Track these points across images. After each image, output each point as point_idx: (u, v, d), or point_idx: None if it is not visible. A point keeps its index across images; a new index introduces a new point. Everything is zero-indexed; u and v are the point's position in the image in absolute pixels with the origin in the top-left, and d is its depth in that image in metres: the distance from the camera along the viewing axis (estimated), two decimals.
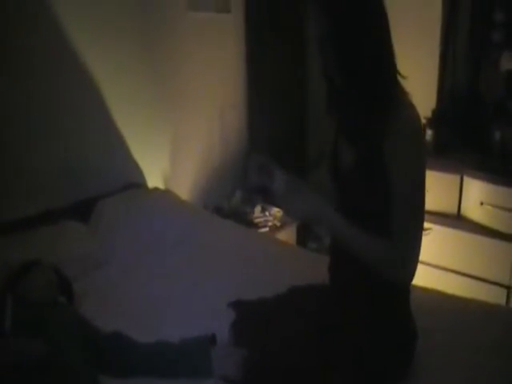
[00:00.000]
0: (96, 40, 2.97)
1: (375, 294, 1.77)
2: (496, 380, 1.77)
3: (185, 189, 3.62)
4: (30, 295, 1.97)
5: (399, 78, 1.68)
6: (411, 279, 1.71)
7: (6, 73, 2.65)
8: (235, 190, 3.81)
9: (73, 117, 2.95)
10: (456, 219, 3.20)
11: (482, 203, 3.04)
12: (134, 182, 3.26)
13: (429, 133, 3.30)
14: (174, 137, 3.53)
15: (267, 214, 3.65)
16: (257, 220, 3.60)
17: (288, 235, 3.69)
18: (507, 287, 3.01)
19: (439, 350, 1.92)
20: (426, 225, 3.25)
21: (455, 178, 3.15)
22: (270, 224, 3.62)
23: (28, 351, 1.63)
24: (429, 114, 3.39)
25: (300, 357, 1.73)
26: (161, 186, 3.45)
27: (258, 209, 3.65)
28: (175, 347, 1.89)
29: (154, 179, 3.43)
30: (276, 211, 3.67)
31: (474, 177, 3.08)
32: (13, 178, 2.71)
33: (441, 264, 3.26)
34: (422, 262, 3.27)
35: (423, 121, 3.31)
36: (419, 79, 3.53)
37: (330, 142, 1.87)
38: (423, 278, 3.03)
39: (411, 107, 1.64)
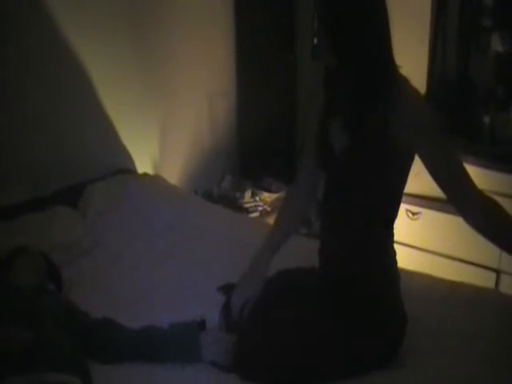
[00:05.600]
0: (86, 29, 2.94)
1: (365, 277, 1.77)
2: (485, 365, 1.78)
3: (174, 174, 3.61)
4: (19, 282, 1.97)
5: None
6: None
7: (5, 63, 2.66)
8: (225, 175, 3.80)
9: (62, 104, 2.93)
10: (446, 203, 3.16)
11: None
12: (124, 168, 3.25)
13: None
14: (163, 123, 3.51)
15: (257, 198, 3.64)
16: (247, 205, 3.59)
17: None
18: (496, 271, 3.03)
19: (428, 335, 1.92)
20: (416, 209, 3.27)
21: None
22: (260, 209, 3.62)
23: (14, 338, 1.63)
24: None
25: (289, 342, 1.74)
26: (150, 171, 3.43)
27: (248, 194, 3.64)
28: (164, 332, 1.89)
29: (143, 165, 3.42)
30: (266, 196, 3.67)
31: (464, 161, 3.06)
32: (1, 165, 2.69)
33: (430, 248, 3.26)
34: (412, 246, 3.30)
35: None
36: (409, 64, 3.50)
37: (319, 126, 1.86)
38: (413, 262, 3.04)
39: (412, 91, 1.69)
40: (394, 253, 1.86)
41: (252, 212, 3.58)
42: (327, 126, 1.81)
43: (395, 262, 1.86)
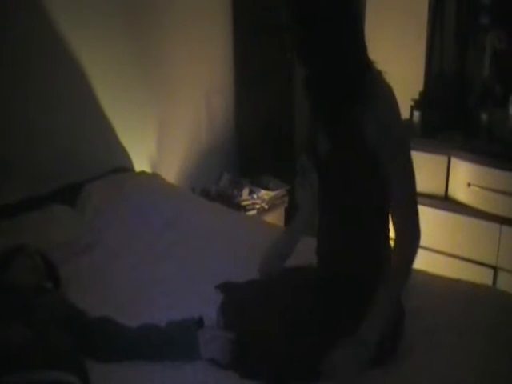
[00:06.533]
0: (83, 28, 2.94)
1: (360, 275, 1.78)
2: (483, 362, 1.78)
3: (172, 172, 3.61)
4: (16, 281, 1.97)
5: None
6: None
7: (3, 63, 2.65)
8: (222, 173, 3.80)
9: (60, 103, 2.92)
10: (443, 200, 3.20)
11: (469, 184, 3.05)
12: (121, 166, 3.25)
13: (416, 114, 3.30)
14: (160, 121, 3.51)
15: (255, 196, 3.64)
16: (244, 203, 3.59)
17: (276, 218, 3.69)
18: (494, 268, 3.03)
19: (426, 332, 1.93)
20: None
21: (443, 160, 3.15)
22: (257, 207, 3.62)
23: (12, 336, 1.63)
24: (416, 95, 3.39)
25: (287, 339, 1.74)
26: (148, 169, 3.43)
27: (245, 191, 3.64)
28: (162, 331, 1.88)
29: (141, 163, 3.42)
30: (264, 194, 3.67)
31: (462, 158, 3.08)
32: None
33: (428, 245, 3.25)
34: None
35: (410, 103, 3.32)
36: (407, 61, 3.53)
37: (308, 128, 1.89)
38: None
39: (385, 88, 1.67)
40: (390, 249, 1.86)
41: (250, 210, 3.58)
42: (313, 129, 1.84)
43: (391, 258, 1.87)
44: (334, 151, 1.74)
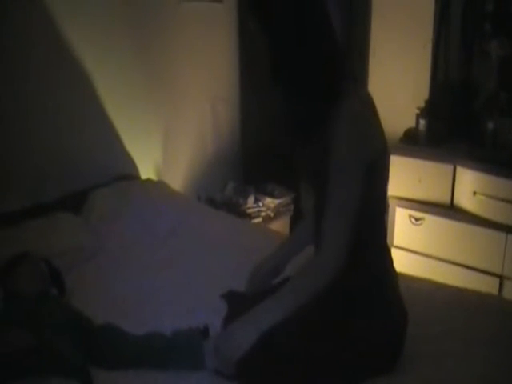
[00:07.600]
0: (88, 34, 2.95)
1: (360, 282, 1.77)
2: (487, 370, 1.77)
3: (177, 180, 3.61)
4: (21, 288, 1.97)
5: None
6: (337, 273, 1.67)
7: (6, 68, 2.66)
8: (228, 181, 3.80)
9: (64, 109, 2.93)
10: (449, 209, 3.20)
11: (474, 193, 3.04)
12: (127, 174, 3.25)
13: (422, 123, 3.30)
14: (166, 128, 3.51)
15: (260, 204, 3.64)
16: (250, 211, 3.59)
17: (281, 226, 3.69)
18: (500, 276, 3.02)
19: (431, 340, 1.92)
20: (419, 215, 3.27)
21: (448, 168, 3.15)
22: (263, 214, 3.62)
23: (15, 342, 1.62)
24: (422, 104, 3.39)
25: (291, 350, 1.73)
26: (153, 177, 3.44)
27: (251, 199, 3.64)
28: (167, 339, 1.88)
29: (146, 171, 3.42)
30: (269, 201, 3.67)
31: (467, 167, 3.08)
32: (3, 171, 2.69)
33: (434, 254, 3.26)
34: (415, 252, 3.31)
35: (416, 111, 3.32)
36: (412, 70, 3.54)
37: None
38: (416, 267, 3.05)
39: (349, 109, 1.64)
40: (388, 252, 1.86)
41: (255, 218, 3.58)
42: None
43: (390, 261, 1.86)
44: (309, 165, 1.76)
